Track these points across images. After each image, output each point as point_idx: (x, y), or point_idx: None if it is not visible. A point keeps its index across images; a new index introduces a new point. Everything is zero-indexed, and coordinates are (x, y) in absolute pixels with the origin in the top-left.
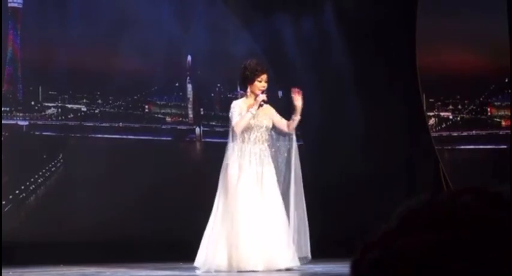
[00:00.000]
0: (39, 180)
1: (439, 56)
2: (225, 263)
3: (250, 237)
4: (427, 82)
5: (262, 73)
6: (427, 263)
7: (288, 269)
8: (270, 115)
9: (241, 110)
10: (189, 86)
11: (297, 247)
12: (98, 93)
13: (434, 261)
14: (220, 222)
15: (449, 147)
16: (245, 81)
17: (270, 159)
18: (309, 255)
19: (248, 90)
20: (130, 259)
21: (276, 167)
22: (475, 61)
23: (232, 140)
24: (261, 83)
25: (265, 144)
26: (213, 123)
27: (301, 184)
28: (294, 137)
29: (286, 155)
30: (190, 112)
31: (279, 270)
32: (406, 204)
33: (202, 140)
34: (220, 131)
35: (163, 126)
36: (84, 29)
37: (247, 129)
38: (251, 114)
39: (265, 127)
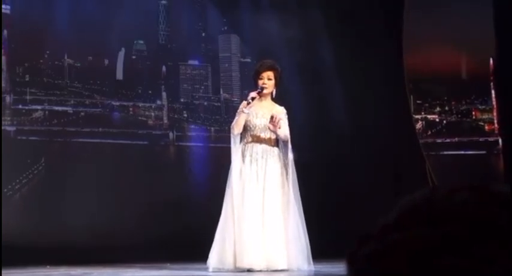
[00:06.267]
0: (24, 181)
1: (426, 57)
2: (231, 262)
3: (250, 236)
4: (414, 83)
5: (262, 72)
6: (421, 257)
7: (290, 270)
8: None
9: (241, 109)
10: (164, 94)
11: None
12: (86, 93)
13: (427, 256)
14: (225, 222)
15: (434, 153)
16: (254, 83)
17: (276, 159)
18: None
19: None
20: (115, 260)
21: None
22: (461, 62)
23: (234, 140)
24: (261, 81)
25: (272, 145)
26: (193, 127)
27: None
28: (289, 145)
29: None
30: (165, 118)
31: (281, 270)
32: (405, 198)
33: (175, 144)
34: (192, 136)
35: (140, 131)
36: (72, 29)
37: (249, 129)
38: (244, 114)
39: (268, 127)
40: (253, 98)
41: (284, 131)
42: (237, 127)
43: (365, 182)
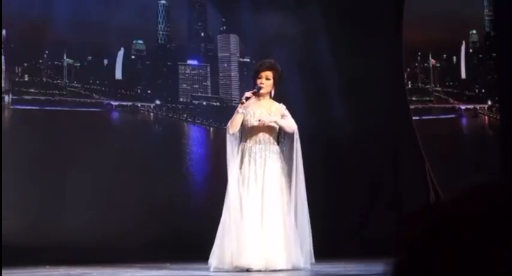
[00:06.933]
0: (24, 181)
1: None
2: (230, 262)
3: (249, 236)
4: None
5: (261, 71)
6: (420, 257)
7: (289, 270)
8: (277, 114)
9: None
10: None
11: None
12: (85, 93)
13: (427, 255)
14: (225, 222)
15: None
16: (253, 82)
17: (276, 158)
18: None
19: None
20: (115, 260)
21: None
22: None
23: (230, 140)
24: (259, 80)
25: (271, 144)
26: (192, 127)
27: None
28: (296, 137)
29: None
30: (164, 118)
31: (279, 270)
32: (415, 206)
33: (174, 144)
34: (191, 135)
35: (139, 131)
36: (71, 29)
37: (247, 128)
38: (240, 114)
39: (266, 126)
40: (247, 98)
41: (288, 123)
42: (232, 127)
43: (365, 182)
